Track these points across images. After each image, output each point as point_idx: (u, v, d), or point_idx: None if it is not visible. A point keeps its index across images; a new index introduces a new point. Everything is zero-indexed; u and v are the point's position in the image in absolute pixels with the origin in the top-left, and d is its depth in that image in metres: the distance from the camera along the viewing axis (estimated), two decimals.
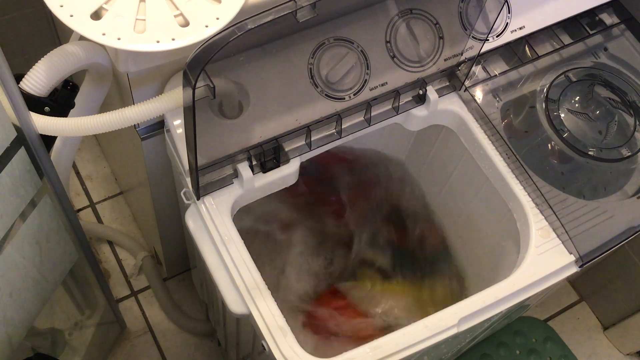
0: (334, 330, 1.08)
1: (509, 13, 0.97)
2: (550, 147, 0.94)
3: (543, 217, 0.88)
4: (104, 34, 0.70)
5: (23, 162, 0.77)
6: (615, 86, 0.99)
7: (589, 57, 1.01)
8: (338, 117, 0.88)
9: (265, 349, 0.79)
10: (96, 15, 0.71)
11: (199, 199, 0.84)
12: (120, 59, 0.76)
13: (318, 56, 0.84)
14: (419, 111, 0.94)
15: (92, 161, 1.60)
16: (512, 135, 0.93)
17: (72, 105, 0.82)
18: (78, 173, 1.59)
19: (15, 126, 0.73)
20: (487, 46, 0.96)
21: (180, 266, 1.47)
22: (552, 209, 0.88)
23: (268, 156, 0.86)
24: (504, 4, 0.94)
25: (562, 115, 0.95)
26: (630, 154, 0.95)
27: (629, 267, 1.39)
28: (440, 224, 1.17)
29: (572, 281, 1.59)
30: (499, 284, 0.84)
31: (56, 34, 1.31)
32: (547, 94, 0.96)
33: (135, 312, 1.45)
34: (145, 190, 1.12)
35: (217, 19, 0.73)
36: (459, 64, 0.93)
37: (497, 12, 0.88)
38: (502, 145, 0.92)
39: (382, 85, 0.89)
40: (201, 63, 0.64)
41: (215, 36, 0.64)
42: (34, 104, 0.75)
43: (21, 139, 0.75)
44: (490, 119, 0.93)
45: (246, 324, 0.89)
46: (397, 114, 0.92)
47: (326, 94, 0.86)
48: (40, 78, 0.75)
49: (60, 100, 0.80)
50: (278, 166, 0.87)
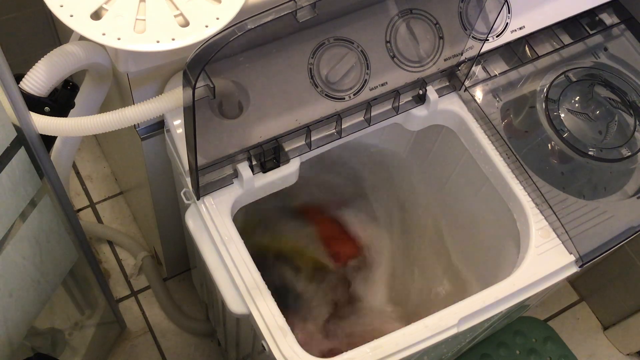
0: None
1: (509, 13, 0.97)
2: (550, 147, 0.94)
3: (543, 217, 0.88)
4: (104, 34, 0.70)
5: (23, 162, 0.77)
6: (615, 86, 0.99)
7: (589, 57, 1.01)
8: (338, 117, 0.88)
9: (265, 349, 0.79)
10: (96, 15, 0.71)
11: (199, 199, 0.84)
12: (120, 59, 0.76)
13: (318, 56, 0.84)
14: (419, 111, 0.94)
15: (92, 161, 1.60)
16: (512, 135, 0.93)
17: (72, 105, 0.82)
18: (78, 173, 1.59)
19: (15, 126, 0.73)
20: (487, 46, 0.96)
21: (180, 266, 1.47)
22: (552, 209, 0.88)
23: (268, 156, 0.86)
24: (504, 4, 0.94)
25: (562, 115, 0.95)
26: (630, 154, 0.95)
27: (629, 267, 1.39)
28: (440, 224, 1.17)
29: (572, 281, 1.59)
30: (499, 284, 0.84)
31: (56, 34, 1.31)
32: (547, 94, 0.96)
33: (135, 312, 1.45)
34: (145, 190, 1.12)
35: (217, 19, 0.73)
36: (459, 64, 0.93)
37: (497, 12, 0.88)
38: (502, 145, 0.92)
39: (382, 85, 0.88)
40: (201, 63, 0.64)
41: (215, 36, 0.64)
42: (34, 104, 0.75)
43: (21, 139, 0.75)
44: (490, 119, 0.93)
45: (246, 324, 0.89)
46: (397, 114, 0.92)
47: (326, 94, 0.86)
48: (40, 78, 0.75)
49: (60, 100, 0.80)
50: (278, 166, 0.87)
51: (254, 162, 0.85)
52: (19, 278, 0.87)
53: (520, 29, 0.97)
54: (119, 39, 0.70)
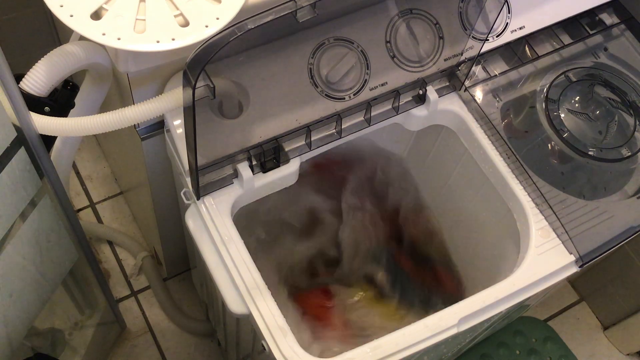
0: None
1: (509, 13, 0.97)
2: (550, 147, 0.94)
3: (543, 217, 0.88)
4: (104, 34, 0.70)
5: (23, 162, 0.77)
6: (615, 86, 0.99)
7: (589, 57, 1.01)
8: (338, 117, 0.88)
9: (265, 349, 0.79)
10: (96, 15, 0.71)
11: (199, 199, 0.84)
12: (120, 59, 0.76)
13: (318, 56, 0.84)
14: (419, 111, 0.94)
15: (92, 161, 1.60)
16: (512, 135, 0.93)
17: (72, 105, 0.82)
18: (78, 173, 1.59)
19: (15, 126, 0.73)
20: (487, 46, 0.96)
21: (180, 266, 1.47)
22: (552, 209, 0.88)
23: (268, 156, 0.86)
24: (504, 4, 0.94)
25: (562, 115, 0.95)
26: (630, 154, 0.95)
27: (629, 267, 1.39)
28: (440, 225, 1.17)
29: (572, 281, 1.59)
30: (499, 284, 0.84)
31: (56, 34, 1.31)
32: (547, 94, 0.96)
33: (135, 312, 1.45)
34: (145, 190, 1.12)
35: (217, 19, 0.73)
36: (459, 64, 0.93)
37: (497, 12, 0.88)
38: (502, 145, 0.92)
39: (382, 85, 0.89)
40: (201, 63, 0.64)
41: (215, 36, 0.64)
42: (34, 104, 0.75)
43: (21, 139, 0.75)
44: (490, 119, 0.93)
45: (246, 324, 0.89)
46: (397, 114, 0.92)
47: (326, 94, 0.86)
48: (40, 78, 0.75)
49: (60, 100, 0.80)
50: (278, 166, 0.87)
51: (254, 162, 0.85)
52: (19, 278, 0.87)
53: (520, 29, 0.97)
54: (119, 39, 0.70)
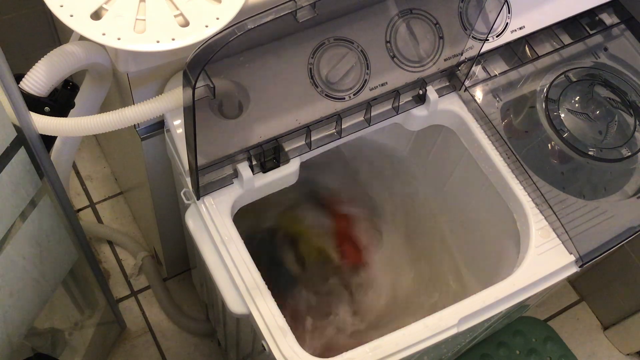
0: None
1: (509, 13, 0.97)
2: (550, 147, 0.94)
3: (543, 217, 0.88)
4: (104, 34, 0.70)
5: (23, 162, 0.77)
6: (615, 86, 0.99)
7: (589, 57, 1.01)
8: (338, 117, 0.88)
9: (265, 349, 0.79)
10: (96, 15, 0.71)
11: (199, 199, 0.84)
12: (120, 59, 0.76)
13: (318, 56, 0.84)
14: (419, 111, 0.94)
15: (92, 161, 1.60)
16: (512, 135, 0.93)
17: (72, 105, 0.82)
18: (78, 173, 1.59)
19: (15, 126, 0.73)
20: (487, 46, 0.96)
21: (180, 266, 1.47)
22: (552, 209, 0.88)
23: (268, 156, 0.86)
24: (504, 4, 0.94)
25: (562, 115, 0.95)
26: (630, 154, 0.95)
27: (629, 267, 1.39)
28: (440, 224, 1.17)
29: (572, 281, 1.59)
30: (499, 284, 0.84)
31: (56, 34, 1.31)
32: (547, 94, 0.96)
33: (135, 312, 1.45)
34: (145, 190, 1.12)
35: (217, 19, 0.73)
36: (459, 64, 0.93)
37: (497, 12, 0.88)
38: (502, 145, 0.92)
39: (382, 85, 0.89)
40: (201, 63, 0.64)
41: (215, 36, 0.64)
42: (34, 104, 0.75)
43: (21, 139, 0.75)
44: (490, 119, 0.93)
45: (246, 324, 0.89)
46: (397, 114, 0.92)
47: (326, 94, 0.86)
48: (40, 78, 0.75)
49: (60, 100, 0.80)
50: (278, 166, 0.87)
51: (254, 162, 0.85)
52: (19, 278, 0.87)
53: (520, 29, 0.97)
54: (119, 39, 0.70)
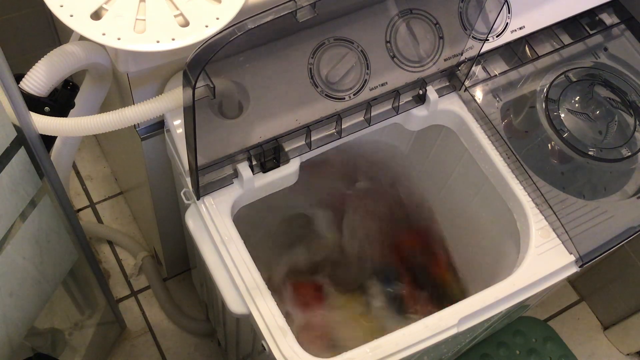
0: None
1: (509, 13, 0.97)
2: (550, 147, 0.94)
3: (543, 217, 0.88)
4: (104, 34, 0.70)
5: (23, 162, 0.77)
6: (615, 86, 0.99)
7: (589, 57, 1.01)
8: (338, 117, 0.88)
9: (265, 349, 0.79)
10: (96, 15, 0.71)
11: (199, 199, 0.84)
12: (120, 59, 0.76)
13: (318, 56, 0.84)
14: (419, 111, 0.94)
15: (92, 161, 1.60)
16: (512, 135, 0.93)
17: (72, 105, 0.82)
18: (78, 173, 1.59)
19: (15, 126, 0.73)
20: (487, 46, 0.96)
21: (180, 266, 1.47)
22: (552, 209, 0.88)
23: (268, 156, 0.86)
24: (504, 4, 0.94)
25: (562, 115, 0.95)
26: (630, 154, 0.95)
27: (629, 267, 1.39)
28: (440, 224, 1.17)
29: (572, 281, 1.59)
30: (499, 284, 0.84)
31: (56, 34, 1.31)
32: (547, 94, 0.96)
33: (135, 312, 1.45)
34: (145, 190, 1.12)
35: (217, 19, 0.73)
36: (459, 64, 0.93)
37: (497, 12, 0.88)
38: (502, 145, 0.92)
39: (382, 85, 0.88)
40: (201, 63, 0.64)
41: (215, 36, 0.64)
42: (34, 104, 0.75)
43: (21, 139, 0.75)
44: (490, 119, 0.93)
45: (246, 324, 0.89)
46: (397, 114, 0.92)
47: (326, 94, 0.86)
48: (40, 78, 0.75)
49: (60, 100, 0.80)
50: (278, 166, 0.87)
51: (254, 162, 0.85)
52: (19, 278, 0.87)
53: (520, 29, 0.97)
54: (119, 39, 0.70)
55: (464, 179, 1.04)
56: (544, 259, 0.86)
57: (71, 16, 0.70)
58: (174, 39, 0.71)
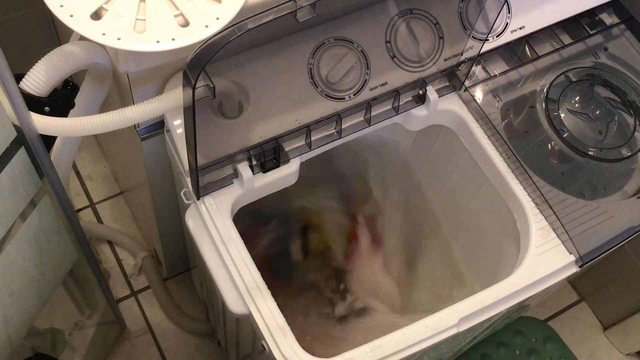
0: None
1: (509, 13, 0.97)
2: (550, 147, 0.94)
3: (543, 217, 0.88)
4: (104, 34, 0.70)
5: (23, 162, 0.77)
6: (615, 86, 0.99)
7: (589, 57, 1.01)
8: (338, 117, 0.88)
9: (265, 349, 0.79)
10: (96, 15, 0.71)
11: (199, 199, 0.84)
12: (120, 59, 0.76)
13: (318, 56, 0.84)
14: (419, 111, 0.94)
15: (92, 161, 1.60)
16: (512, 135, 0.93)
17: (72, 105, 0.82)
18: (78, 173, 1.59)
19: (15, 126, 0.73)
20: (487, 46, 0.96)
21: (180, 266, 1.47)
22: (552, 209, 0.88)
23: (268, 156, 0.86)
24: (504, 4, 0.94)
25: (562, 115, 0.95)
26: (630, 154, 0.95)
27: (629, 267, 1.39)
28: (440, 224, 1.17)
29: (572, 281, 1.59)
30: (499, 284, 0.84)
31: (56, 34, 1.31)
32: (547, 94, 0.96)
33: (135, 312, 1.45)
34: (145, 190, 1.12)
35: (217, 19, 0.73)
36: (459, 64, 0.93)
37: (497, 12, 0.88)
38: (502, 145, 0.92)
39: (382, 85, 0.88)
40: (201, 63, 0.64)
41: (215, 36, 0.64)
42: (34, 104, 0.75)
43: (21, 139, 0.75)
44: (490, 119, 0.93)
45: (246, 324, 0.89)
46: (397, 114, 0.92)
47: (326, 94, 0.86)
48: (40, 78, 0.75)
49: (60, 100, 0.80)
50: (278, 166, 0.87)
51: (254, 162, 0.85)
52: (19, 278, 0.87)
53: (520, 29, 0.97)
54: (119, 39, 0.70)
55: (464, 179, 1.04)
56: (544, 259, 0.86)
57: (71, 16, 0.70)
58: (174, 39, 0.71)
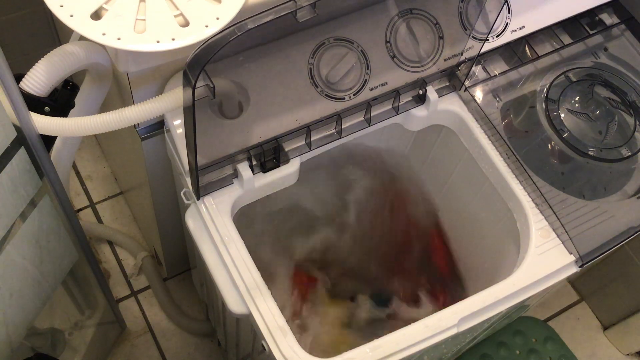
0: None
1: (509, 13, 0.97)
2: (550, 147, 0.94)
3: (543, 217, 0.88)
4: (104, 34, 0.70)
5: (23, 162, 0.77)
6: (615, 86, 0.99)
7: (589, 57, 1.01)
8: (338, 117, 0.88)
9: (265, 349, 0.79)
10: (96, 15, 0.71)
11: (199, 199, 0.84)
12: (120, 59, 0.76)
13: (318, 56, 0.84)
14: (419, 111, 0.94)
15: (92, 161, 1.60)
16: (512, 135, 0.93)
17: (72, 105, 0.82)
18: (78, 173, 1.59)
19: (15, 126, 0.73)
20: (487, 46, 0.96)
21: (180, 266, 1.47)
22: (552, 209, 0.88)
23: (268, 156, 0.86)
24: (504, 4, 0.94)
25: (562, 115, 0.95)
26: (630, 154, 0.95)
27: (629, 267, 1.39)
28: (441, 224, 1.17)
29: (572, 281, 1.59)
30: (499, 284, 0.84)
31: (56, 34, 1.31)
32: (547, 94, 0.96)
33: (135, 312, 1.45)
34: (145, 190, 1.12)
35: (217, 19, 0.73)
36: (459, 64, 0.93)
37: (497, 12, 0.88)
38: (502, 145, 0.92)
39: (382, 85, 0.88)
40: (201, 63, 0.64)
41: (215, 36, 0.64)
42: (34, 104, 0.75)
43: (21, 139, 0.75)
44: (490, 119, 0.93)
45: (246, 324, 0.89)
46: (397, 114, 0.92)
47: (326, 94, 0.86)
48: (40, 78, 0.75)
49: (60, 100, 0.80)
50: (278, 166, 0.87)
51: (254, 162, 0.85)
52: (19, 278, 0.87)
53: (520, 29, 0.97)
54: (119, 39, 0.70)
55: (464, 179, 1.04)
56: (544, 259, 0.86)
57: (71, 16, 0.70)
58: (174, 39, 0.71)
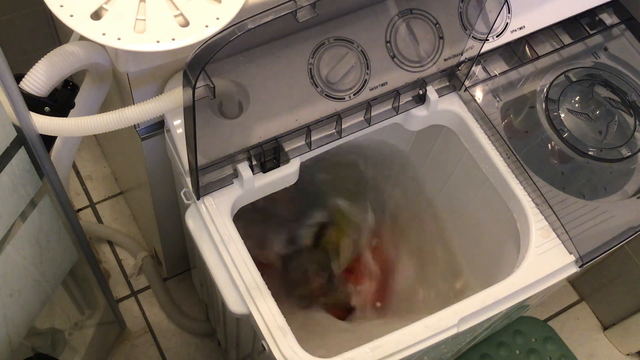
0: None
1: (509, 13, 0.97)
2: (550, 147, 0.94)
3: (543, 217, 0.88)
4: (104, 34, 0.70)
5: (23, 162, 0.77)
6: (615, 86, 0.99)
7: (589, 57, 1.01)
8: (338, 117, 0.88)
9: (265, 349, 0.79)
10: (96, 15, 0.71)
11: (199, 199, 0.84)
12: (120, 59, 0.76)
13: (318, 56, 0.84)
14: (419, 111, 0.94)
15: (92, 161, 1.60)
16: (512, 135, 0.93)
17: (72, 105, 0.82)
18: (78, 173, 1.59)
19: (15, 126, 0.73)
20: (487, 46, 0.96)
21: (180, 266, 1.47)
22: (552, 209, 0.88)
23: (268, 156, 0.86)
24: (504, 4, 0.94)
25: (562, 115, 0.95)
26: (630, 154, 0.95)
27: (629, 267, 1.39)
28: (441, 224, 1.17)
29: (572, 281, 1.59)
30: (499, 284, 0.84)
31: (56, 34, 1.31)
32: (547, 94, 0.96)
33: (135, 312, 1.45)
34: (145, 190, 1.12)
35: (217, 19, 0.73)
36: (459, 64, 0.93)
37: (497, 12, 0.88)
38: (502, 145, 0.92)
39: (382, 85, 0.88)
40: (201, 63, 0.64)
41: (215, 36, 0.64)
42: (34, 104, 0.75)
43: (21, 139, 0.75)
44: (490, 119, 0.93)
45: (246, 324, 0.89)
46: (397, 114, 0.92)
47: (326, 94, 0.86)
48: (40, 78, 0.75)
49: (60, 100, 0.80)
50: (278, 166, 0.87)
51: (254, 162, 0.85)
52: (19, 278, 0.87)
53: (520, 29, 0.97)
54: (119, 39, 0.70)
55: (464, 179, 1.04)
56: (544, 259, 0.86)
57: (71, 16, 0.70)
58: (174, 39, 0.71)
